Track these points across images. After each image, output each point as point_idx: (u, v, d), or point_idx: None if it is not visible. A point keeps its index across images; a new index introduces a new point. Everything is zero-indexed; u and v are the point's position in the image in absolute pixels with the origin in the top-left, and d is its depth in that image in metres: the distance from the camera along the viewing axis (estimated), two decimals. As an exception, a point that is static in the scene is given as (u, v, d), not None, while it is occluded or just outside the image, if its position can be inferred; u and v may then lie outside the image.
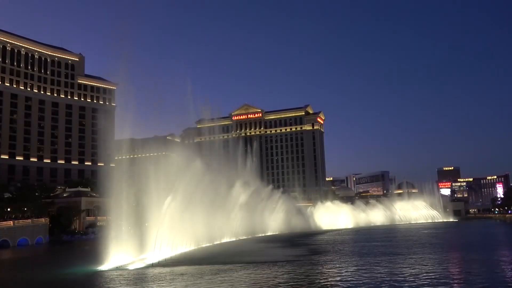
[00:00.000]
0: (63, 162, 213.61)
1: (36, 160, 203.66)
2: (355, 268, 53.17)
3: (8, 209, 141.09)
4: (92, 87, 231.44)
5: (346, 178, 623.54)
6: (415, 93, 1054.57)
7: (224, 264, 59.25)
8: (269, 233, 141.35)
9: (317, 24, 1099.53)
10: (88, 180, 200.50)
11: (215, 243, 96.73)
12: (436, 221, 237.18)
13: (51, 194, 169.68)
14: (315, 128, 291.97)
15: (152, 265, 59.56)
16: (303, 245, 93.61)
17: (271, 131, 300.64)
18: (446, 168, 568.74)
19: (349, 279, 45.07)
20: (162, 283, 46.23)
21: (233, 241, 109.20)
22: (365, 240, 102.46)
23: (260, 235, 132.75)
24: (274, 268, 54.94)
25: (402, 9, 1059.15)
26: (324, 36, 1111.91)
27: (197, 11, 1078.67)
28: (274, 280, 45.53)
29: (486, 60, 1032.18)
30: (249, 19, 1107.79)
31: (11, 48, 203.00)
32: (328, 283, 44.11)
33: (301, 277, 46.85)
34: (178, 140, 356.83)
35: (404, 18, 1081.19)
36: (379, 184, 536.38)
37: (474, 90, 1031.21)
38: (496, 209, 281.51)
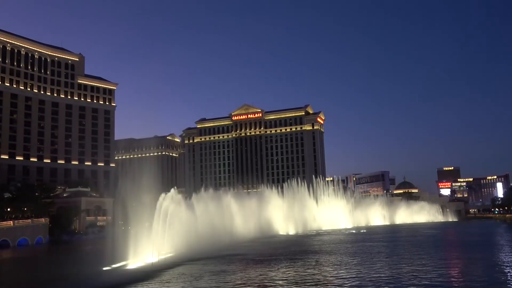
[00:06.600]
0: (63, 162, 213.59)
1: (36, 160, 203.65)
2: (356, 267, 53.14)
3: (8, 209, 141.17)
4: (92, 87, 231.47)
5: (346, 178, 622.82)
6: (416, 93, 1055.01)
7: (224, 264, 59.20)
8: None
9: (317, 24, 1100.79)
10: (88, 180, 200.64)
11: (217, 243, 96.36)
12: (436, 221, 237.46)
13: (51, 194, 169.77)
14: (315, 128, 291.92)
15: (152, 265, 59.43)
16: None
17: (271, 131, 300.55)
18: (446, 168, 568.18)
19: (349, 277, 45.06)
20: (162, 283, 46.20)
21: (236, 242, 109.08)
22: (367, 240, 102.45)
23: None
24: (275, 268, 54.86)
25: (402, 8, 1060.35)
26: (324, 36, 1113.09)
27: (198, 11, 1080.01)
28: (276, 280, 45.48)
29: (486, 60, 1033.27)
30: (249, 19, 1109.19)
31: (11, 48, 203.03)
32: (328, 282, 44.07)
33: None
34: (178, 140, 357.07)
35: (403, 18, 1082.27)
36: (379, 184, 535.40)
37: (474, 90, 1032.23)
38: (496, 209, 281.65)
